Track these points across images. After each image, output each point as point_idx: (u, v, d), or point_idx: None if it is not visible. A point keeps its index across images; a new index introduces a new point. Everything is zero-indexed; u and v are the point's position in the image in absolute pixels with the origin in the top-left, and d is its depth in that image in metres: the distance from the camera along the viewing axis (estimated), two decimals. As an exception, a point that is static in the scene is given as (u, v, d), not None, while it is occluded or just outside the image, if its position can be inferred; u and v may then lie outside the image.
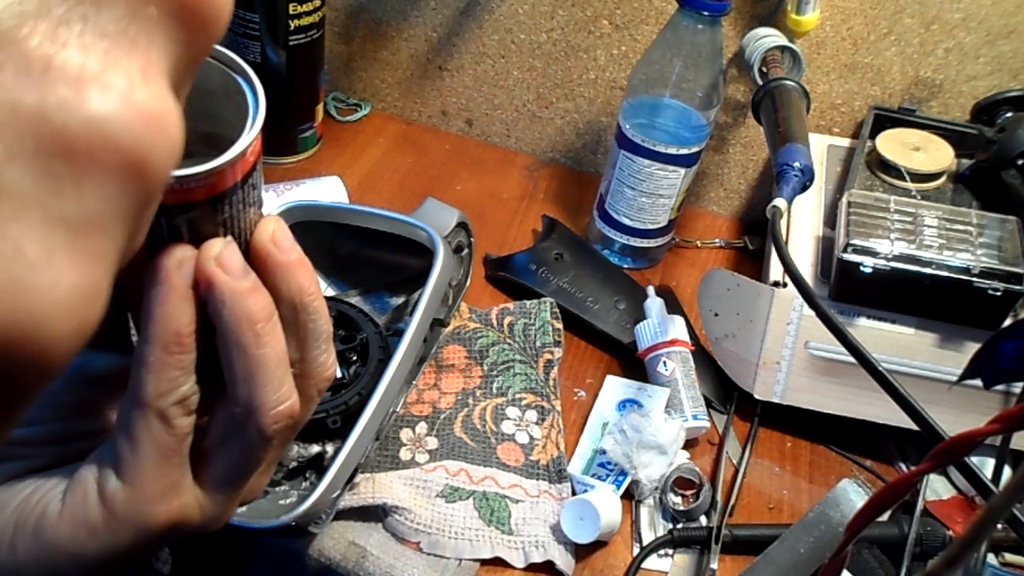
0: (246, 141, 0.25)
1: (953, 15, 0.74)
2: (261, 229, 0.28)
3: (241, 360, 0.27)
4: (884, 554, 0.58)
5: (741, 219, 0.90)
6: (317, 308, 0.29)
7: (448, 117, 0.95)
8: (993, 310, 0.60)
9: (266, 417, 0.28)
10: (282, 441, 0.30)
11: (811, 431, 0.68)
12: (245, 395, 0.28)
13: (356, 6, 0.91)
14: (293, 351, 0.29)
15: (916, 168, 0.70)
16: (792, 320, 0.64)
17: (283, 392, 0.28)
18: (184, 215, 0.25)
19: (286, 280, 0.28)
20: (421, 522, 0.56)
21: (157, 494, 0.27)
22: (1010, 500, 0.23)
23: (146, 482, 0.27)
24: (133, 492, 0.27)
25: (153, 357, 0.26)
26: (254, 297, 0.27)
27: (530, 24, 0.86)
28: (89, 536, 0.27)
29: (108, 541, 0.28)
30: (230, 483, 0.30)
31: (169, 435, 0.27)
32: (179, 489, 0.28)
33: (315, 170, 0.85)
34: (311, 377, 0.30)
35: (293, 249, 0.28)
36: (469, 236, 0.68)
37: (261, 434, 0.28)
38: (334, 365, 0.31)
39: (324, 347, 0.30)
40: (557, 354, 0.69)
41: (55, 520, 0.28)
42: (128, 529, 0.27)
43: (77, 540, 0.27)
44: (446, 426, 0.63)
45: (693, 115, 0.72)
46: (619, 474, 0.60)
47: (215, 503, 0.30)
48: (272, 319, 0.28)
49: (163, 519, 0.28)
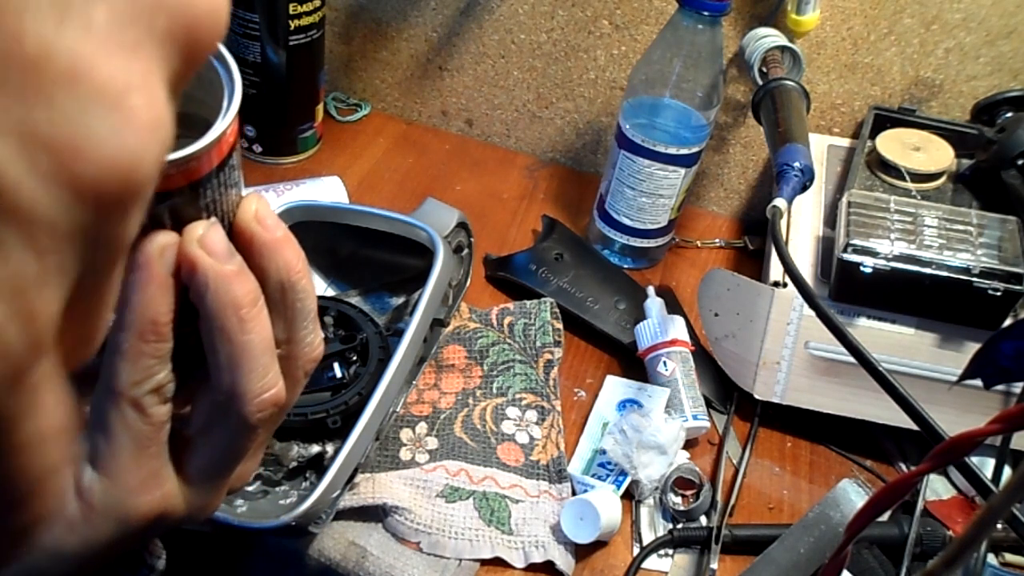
0: (225, 123, 0.24)
1: (953, 15, 0.74)
2: (244, 208, 0.27)
3: (225, 347, 0.26)
4: (884, 554, 0.58)
5: (741, 219, 0.90)
6: (304, 286, 0.29)
7: (448, 117, 0.95)
8: (993, 310, 0.60)
9: (250, 405, 0.27)
10: (267, 429, 0.29)
11: (811, 431, 0.68)
12: (228, 383, 0.27)
13: (356, 6, 0.91)
14: (280, 331, 0.28)
15: (916, 168, 0.70)
16: (792, 320, 0.64)
17: (268, 380, 0.28)
18: (165, 203, 0.24)
19: (272, 258, 0.27)
20: (421, 522, 0.56)
21: (136, 485, 0.27)
22: (1010, 500, 0.23)
23: (123, 473, 0.27)
24: (110, 484, 0.27)
25: (127, 345, 0.25)
26: (239, 281, 0.26)
27: (530, 24, 0.86)
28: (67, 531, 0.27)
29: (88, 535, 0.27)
30: (214, 472, 0.29)
31: (144, 424, 0.26)
32: (159, 479, 0.28)
33: (315, 170, 0.85)
34: (298, 358, 0.30)
35: (278, 226, 0.28)
36: (469, 236, 0.68)
37: (245, 422, 0.28)
38: (321, 345, 0.31)
39: (311, 327, 0.30)
40: (557, 354, 0.69)
41: None
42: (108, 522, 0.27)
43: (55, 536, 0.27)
44: (446, 426, 0.63)
45: (693, 115, 0.72)
46: (619, 474, 0.60)
47: (199, 493, 0.29)
48: (258, 304, 0.27)
49: (144, 510, 0.27)
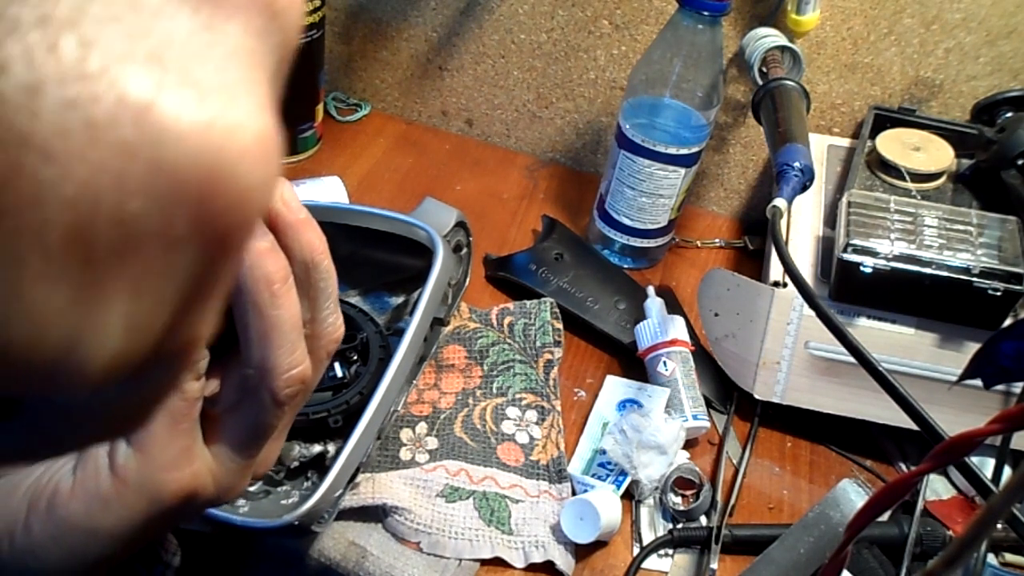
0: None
1: (953, 15, 0.74)
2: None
3: (257, 321, 0.27)
4: (884, 554, 0.58)
5: (741, 219, 0.90)
6: (327, 267, 0.30)
7: (448, 117, 0.95)
8: (993, 310, 0.60)
9: (279, 380, 0.28)
10: (294, 407, 0.30)
11: (811, 431, 0.68)
12: (259, 357, 0.28)
13: (356, 6, 0.91)
14: (304, 311, 0.29)
15: (916, 168, 0.70)
16: (792, 320, 0.64)
17: (296, 356, 0.28)
18: None
19: (297, 239, 0.28)
20: (421, 522, 0.56)
21: (168, 461, 0.27)
22: (1010, 500, 0.23)
23: (157, 449, 0.27)
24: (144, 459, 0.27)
25: None
26: (272, 257, 0.27)
27: (530, 24, 0.86)
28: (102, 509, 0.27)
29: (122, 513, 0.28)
30: (243, 449, 0.30)
31: (179, 399, 0.27)
32: (190, 456, 0.28)
33: (315, 170, 0.85)
34: (321, 338, 0.30)
35: (301, 209, 0.29)
36: (468, 235, 0.68)
37: (274, 398, 0.28)
38: (342, 327, 0.32)
39: (332, 307, 0.31)
40: (557, 354, 0.69)
41: (67, 496, 0.28)
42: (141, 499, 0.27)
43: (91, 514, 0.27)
44: (446, 426, 0.63)
45: (693, 115, 0.72)
46: (619, 474, 0.60)
47: (228, 471, 0.30)
48: (288, 281, 0.28)
49: (175, 487, 0.28)
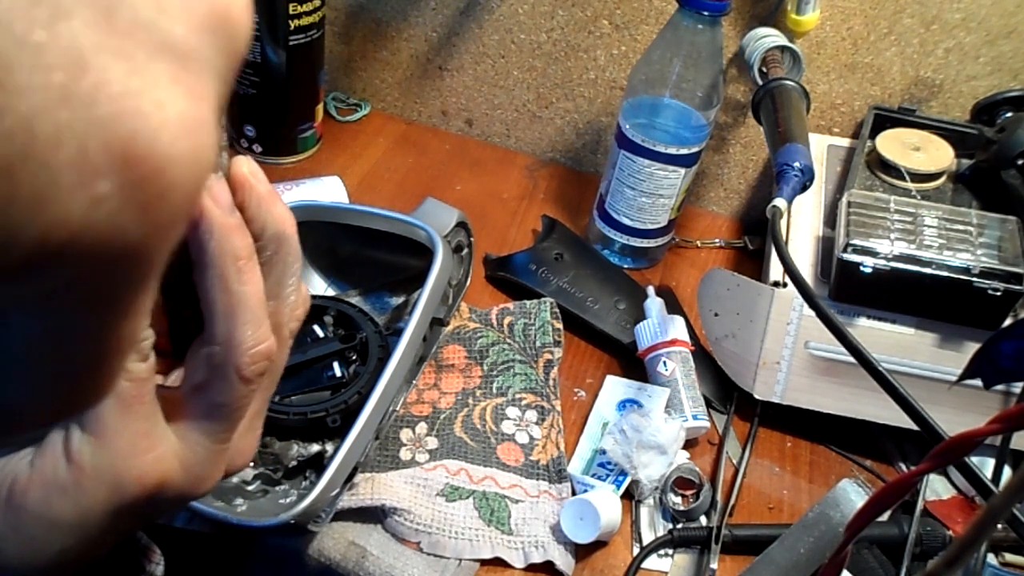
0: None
1: (953, 15, 0.74)
2: (237, 165, 0.28)
3: (223, 296, 0.27)
4: (884, 554, 0.58)
5: (741, 219, 0.90)
6: (295, 242, 0.29)
7: (448, 117, 0.95)
8: (993, 310, 0.60)
9: (245, 356, 0.28)
10: (263, 389, 0.30)
11: (811, 431, 0.68)
12: (224, 333, 0.27)
13: (356, 6, 0.91)
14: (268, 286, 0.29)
15: (916, 168, 0.70)
16: (792, 320, 0.64)
17: (262, 332, 0.28)
18: None
19: (266, 211, 0.28)
20: (421, 522, 0.56)
21: (125, 446, 0.27)
22: (1010, 500, 0.23)
23: (110, 434, 0.27)
24: (99, 445, 0.27)
25: None
26: (239, 233, 0.27)
27: (530, 24, 0.86)
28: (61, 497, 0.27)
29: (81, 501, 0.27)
30: (212, 432, 0.29)
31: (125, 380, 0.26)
32: (151, 440, 0.27)
33: (315, 170, 0.85)
34: (283, 314, 0.30)
35: (267, 182, 0.29)
36: (469, 235, 0.68)
37: (240, 373, 0.28)
38: (307, 302, 0.31)
39: (295, 284, 0.30)
40: (557, 354, 0.69)
41: (25, 484, 0.27)
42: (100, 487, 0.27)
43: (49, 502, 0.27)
44: (446, 426, 0.63)
45: (693, 115, 0.72)
46: (619, 474, 0.60)
47: (198, 458, 0.29)
48: (253, 258, 0.28)
49: (136, 473, 0.27)
